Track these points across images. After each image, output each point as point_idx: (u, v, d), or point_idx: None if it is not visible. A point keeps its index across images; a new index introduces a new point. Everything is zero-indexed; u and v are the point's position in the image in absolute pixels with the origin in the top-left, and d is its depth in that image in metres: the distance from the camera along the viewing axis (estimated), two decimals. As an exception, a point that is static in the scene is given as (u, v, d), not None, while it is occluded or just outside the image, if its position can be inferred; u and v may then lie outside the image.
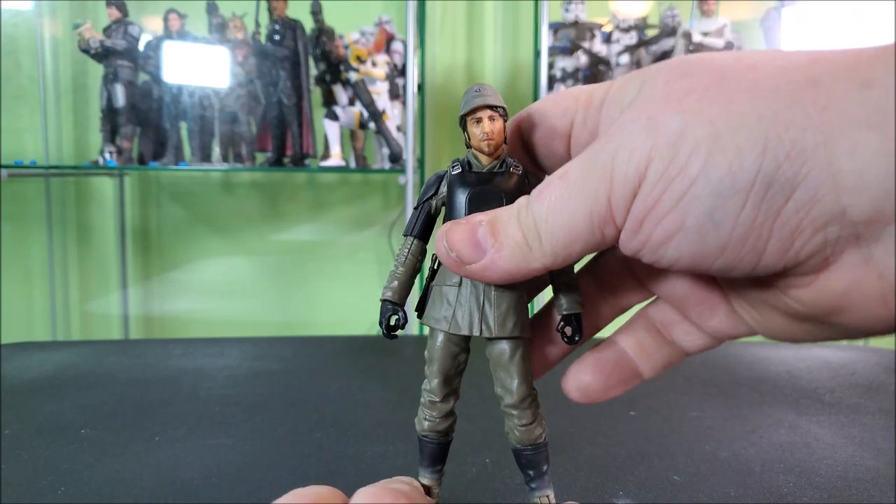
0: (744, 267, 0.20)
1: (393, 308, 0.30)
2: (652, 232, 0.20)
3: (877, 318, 0.20)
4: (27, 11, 1.70)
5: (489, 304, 0.28)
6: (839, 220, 0.18)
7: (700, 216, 0.19)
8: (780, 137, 0.18)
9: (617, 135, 0.21)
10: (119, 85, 1.48)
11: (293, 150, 1.52)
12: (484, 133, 0.28)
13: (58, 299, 1.77)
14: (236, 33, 1.51)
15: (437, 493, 0.32)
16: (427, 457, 0.32)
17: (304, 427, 0.50)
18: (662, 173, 0.19)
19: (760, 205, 0.18)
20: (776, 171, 0.18)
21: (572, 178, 0.22)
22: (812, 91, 0.18)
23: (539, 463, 0.31)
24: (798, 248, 0.19)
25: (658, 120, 0.20)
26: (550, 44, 1.56)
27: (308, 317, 1.85)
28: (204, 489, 0.39)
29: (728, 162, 0.18)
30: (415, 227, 0.31)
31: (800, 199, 0.18)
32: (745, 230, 0.19)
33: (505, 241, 0.23)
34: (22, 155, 1.64)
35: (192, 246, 1.83)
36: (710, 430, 0.49)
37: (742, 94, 0.19)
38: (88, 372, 0.64)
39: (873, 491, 0.39)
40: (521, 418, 0.30)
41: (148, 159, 1.53)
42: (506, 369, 0.30)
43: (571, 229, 0.21)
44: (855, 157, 0.17)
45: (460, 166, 0.29)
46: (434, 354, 0.30)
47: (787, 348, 0.76)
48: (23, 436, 0.47)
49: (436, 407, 0.31)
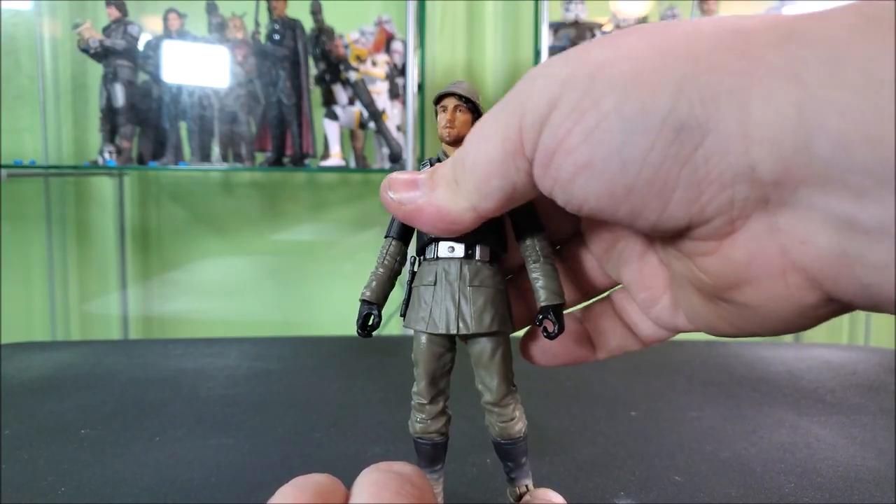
0: (649, 215, 0.19)
1: (369, 308, 0.30)
2: (561, 166, 0.20)
3: (778, 297, 0.19)
4: (27, 11, 1.69)
5: (465, 301, 0.28)
6: (747, 178, 0.17)
7: (609, 152, 0.18)
8: (697, 78, 0.17)
9: (542, 65, 0.21)
10: (118, 85, 1.48)
11: (293, 150, 1.52)
12: (447, 121, 0.28)
13: (57, 299, 1.77)
14: (236, 33, 1.51)
15: (438, 494, 0.32)
16: (424, 458, 0.32)
17: (304, 427, 0.50)
18: (576, 104, 0.19)
19: (669, 147, 0.18)
20: (689, 113, 0.17)
21: (494, 109, 0.22)
22: (737, 38, 0.17)
23: (518, 455, 0.31)
24: (704, 202, 0.18)
25: (581, 51, 0.20)
26: (550, 43, 1.56)
27: (308, 317, 1.85)
28: (204, 489, 0.39)
29: (642, 98, 0.18)
30: (392, 229, 0.31)
31: (709, 148, 0.17)
32: (651, 173, 0.18)
33: (439, 180, 0.24)
34: (21, 155, 1.64)
35: (191, 246, 1.83)
36: (710, 431, 0.49)
37: (674, 38, 0.19)
38: (88, 372, 0.64)
39: (874, 491, 0.39)
40: (502, 415, 0.30)
41: (147, 159, 1.53)
42: (486, 367, 0.30)
43: (488, 161, 0.21)
44: (767, 107, 0.16)
45: (430, 164, 0.29)
46: (419, 356, 0.30)
47: (787, 348, 0.76)
48: (23, 436, 0.47)
49: (425, 409, 0.31)
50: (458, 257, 0.29)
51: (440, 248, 0.29)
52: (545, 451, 0.44)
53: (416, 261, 0.31)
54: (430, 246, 0.30)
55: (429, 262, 0.30)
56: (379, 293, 0.30)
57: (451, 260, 0.29)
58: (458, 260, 0.29)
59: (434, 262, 0.29)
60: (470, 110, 0.28)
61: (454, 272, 0.29)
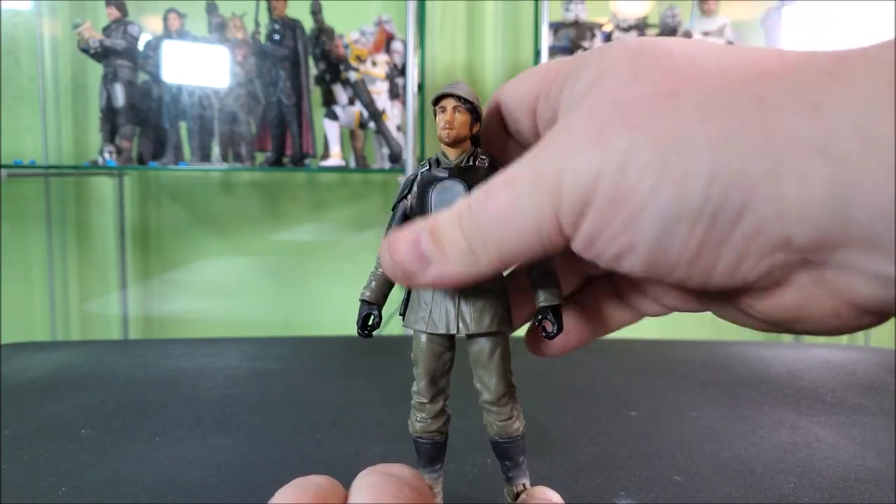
0: (695, 283, 0.20)
1: (369, 308, 0.30)
2: (604, 250, 0.20)
3: (832, 327, 0.20)
4: (27, 11, 1.69)
5: (465, 302, 0.29)
6: (785, 247, 0.18)
7: (649, 240, 0.19)
8: (728, 164, 0.17)
9: (565, 144, 0.21)
10: (118, 85, 1.48)
11: (293, 150, 1.52)
12: (445, 122, 0.28)
13: (57, 299, 1.77)
14: (236, 33, 1.51)
15: (438, 493, 0.32)
16: (424, 457, 0.32)
17: (304, 427, 0.50)
18: (610, 197, 0.19)
19: (708, 232, 0.18)
20: (723, 200, 0.18)
21: (518, 189, 0.21)
22: (760, 112, 0.17)
23: (516, 454, 0.31)
24: (746, 271, 0.19)
25: (605, 136, 0.19)
26: (551, 43, 1.56)
27: (308, 317, 1.85)
28: (204, 489, 0.39)
29: (675, 188, 0.18)
30: (391, 228, 0.31)
31: (746, 228, 0.18)
32: (692, 255, 0.19)
33: (449, 249, 0.22)
34: (21, 155, 1.64)
35: (191, 246, 1.83)
36: (710, 431, 0.49)
37: (691, 111, 0.18)
38: (88, 372, 0.64)
39: (875, 491, 0.39)
40: (500, 414, 0.31)
41: (147, 159, 1.53)
42: (485, 367, 0.30)
43: (519, 240, 0.21)
44: (801, 188, 0.17)
45: (429, 164, 0.29)
46: (419, 356, 0.30)
47: (787, 348, 0.76)
48: (23, 436, 0.47)
49: (425, 408, 0.31)
50: None
51: None
52: (545, 451, 0.44)
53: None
54: None
55: None
56: (378, 293, 0.30)
57: None
58: None
59: None
60: (468, 111, 0.28)
61: None
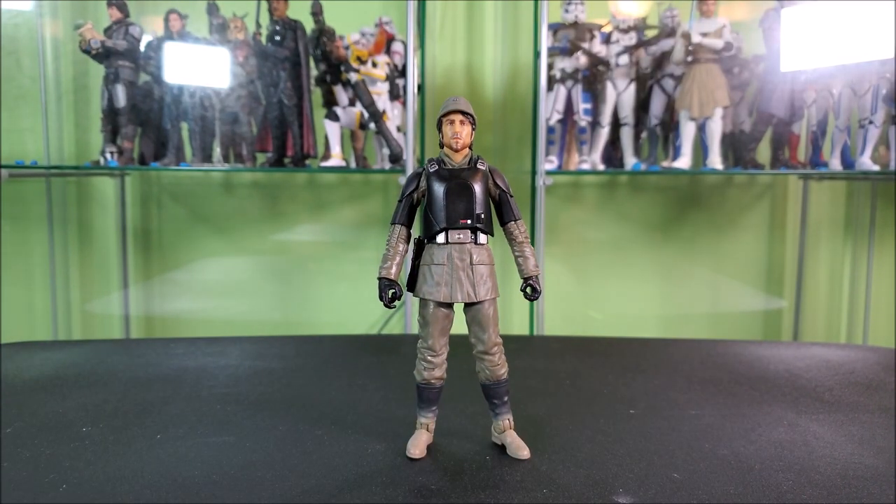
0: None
1: (389, 283, 0.40)
2: None
3: None
4: (28, 12, 1.70)
5: (471, 275, 0.39)
6: None
7: None
8: None
9: None
10: (120, 85, 1.48)
11: (294, 151, 1.52)
12: (454, 133, 0.39)
13: (59, 299, 1.77)
14: (237, 34, 1.51)
15: (432, 421, 0.43)
16: (425, 400, 0.42)
17: (305, 425, 0.50)
18: None
19: None
20: None
21: None
22: None
23: (502, 394, 0.42)
24: None
25: None
26: (550, 44, 1.56)
27: (308, 316, 1.85)
28: (205, 487, 0.39)
29: None
30: (400, 216, 0.42)
31: None
32: None
33: None
34: (23, 155, 1.65)
35: (193, 246, 1.83)
36: (709, 429, 0.49)
37: None
38: (90, 371, 0.65)
39: (872, 488, 0.39)
40: (492, 361, 0.41)
41: (149, 159, 1.54)
42: (480, 324, 0.41)
43: None
44: None
45: (436, 164, 0.39)
46: (428, 319, 0.41)
47: (786, 347, 0.76)
48: (25, 434, 0.48)
49: (436, 357, 0.42)
50: (465, 242, 0.40)
51: (451, 236, 0.40)
52: (545, 449, 0.44)
53: (421, 242, 0.42)
54: (441, 234, 0.40)
55: (439, 246, 0.40)
56: (395, 270, 0.41)
57: (459, 244, 0.40)
58: (465, 244, 0.40)
59: (444, 245, 0.40)
60: (470, 123, 0.39)
61: (461, 254, 0.39)
